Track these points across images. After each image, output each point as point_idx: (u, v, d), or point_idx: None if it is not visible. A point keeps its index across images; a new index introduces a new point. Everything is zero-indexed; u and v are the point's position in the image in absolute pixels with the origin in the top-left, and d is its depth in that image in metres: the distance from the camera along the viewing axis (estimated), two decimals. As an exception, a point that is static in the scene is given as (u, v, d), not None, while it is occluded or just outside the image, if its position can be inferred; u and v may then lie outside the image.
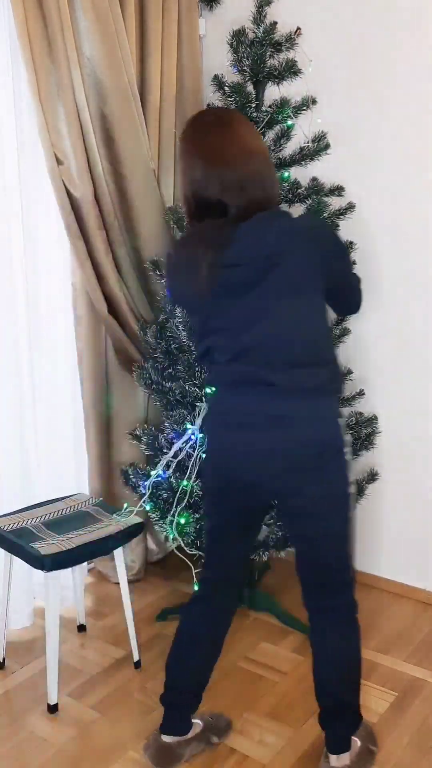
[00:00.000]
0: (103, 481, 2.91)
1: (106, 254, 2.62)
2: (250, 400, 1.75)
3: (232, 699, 2.32)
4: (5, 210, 2.48)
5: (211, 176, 1.70)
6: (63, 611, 2.62)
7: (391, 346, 2.73)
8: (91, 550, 2.29)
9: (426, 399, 2.71)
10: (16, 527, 2.36)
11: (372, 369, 2.79)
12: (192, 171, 1.73)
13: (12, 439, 2.60)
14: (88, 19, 2.39)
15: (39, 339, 2.71)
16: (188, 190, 1.76)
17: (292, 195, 2.47)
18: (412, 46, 2.53)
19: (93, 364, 2.79)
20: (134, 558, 2.97)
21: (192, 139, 1.76)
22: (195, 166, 1.72)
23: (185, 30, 2.81)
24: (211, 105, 2.61)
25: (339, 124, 2.68)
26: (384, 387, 2.79)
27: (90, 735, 2.18)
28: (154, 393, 2.63)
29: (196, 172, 1.72)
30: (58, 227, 2.60)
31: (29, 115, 2.48)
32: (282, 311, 1.71)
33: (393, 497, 2.82)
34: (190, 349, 2.44)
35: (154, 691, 2.36)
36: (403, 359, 2.71)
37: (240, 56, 2.45)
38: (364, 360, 2.77)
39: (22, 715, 2.26)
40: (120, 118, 2.53)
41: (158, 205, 2.75)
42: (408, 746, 2.12)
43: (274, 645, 2.60)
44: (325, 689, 1.94)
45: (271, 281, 1.68)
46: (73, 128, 2.43)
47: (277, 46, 2.47)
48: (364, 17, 2.61)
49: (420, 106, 2.55)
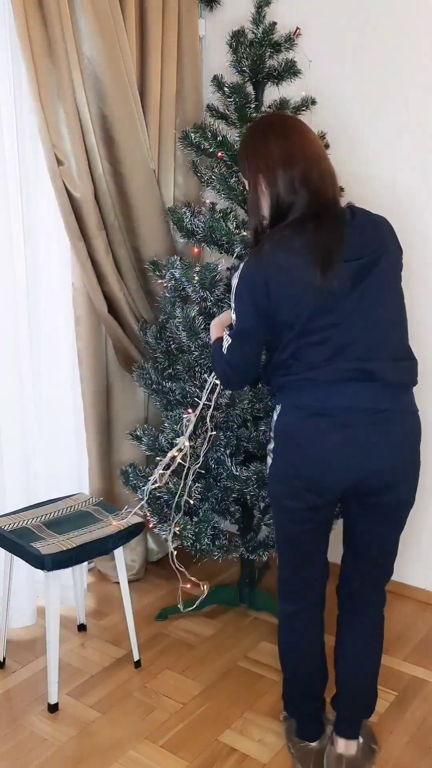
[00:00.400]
0: (103, 481, 2.92)
1: (107, 254, 2.62)
2: (355, 397, 1.71)
3: (232, 698, 2.33)
4: (5, 210, 2.48)
5: (301, 175, 1.70)
6: (63, 611, 2.62)
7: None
8: (91, 549, 2.29)
9: (426, 399, 2.70)
10: (16, 527, 2.36)
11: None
12: (280, 172, 1.71)
13: (12, 438, 2.60)
14: (88, 19, 2.39)
15: (39, 339, 2.71)
16: (274, 190, 1.73)
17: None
18: (412, 46, 2.53)
19: (93, 364, 2.79)
20: (134, 558, 2.97)
21: (273, 141, 1.74)
22: (283, 166, 1.71)
23: (185, 30, 2.81)
24: (211, 105, 2.61)
25: (338, 124, 2.68)
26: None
27: (90, 734, 2.18)
28: (154, 393, 2.63)
29: (286, 173, 1.71)
30: (58, 227, 2.60)
31: (29, 116, 2.48)
32: (384, 306, 1.73)
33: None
34: (190, 349, 2.44)
35: (154, 691, 2.37)
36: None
37: (239, 57, 2.45)
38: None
39: (22, 715, 2.26)
40: (120, 118, 2.54)
41: (158, 205, 2.75)
42: (408, 746, 2.13)
43: (274, 645, 2.59)
44: (350, 675, 1.99)
45: (375, 275, 1.70)
46: (73, 128, 2.43)
47: (277, 47, 2.47)
48: (363, 18, 2.61)
49: (420, 106, 2.55)
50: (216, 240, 2.41)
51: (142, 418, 2.95)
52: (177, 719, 2.24)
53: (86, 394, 2.81)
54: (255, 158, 1.76)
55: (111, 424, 2.92)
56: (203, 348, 2.41)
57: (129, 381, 2.84)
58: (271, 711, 2.27)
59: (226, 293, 2.41)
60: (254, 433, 2.43)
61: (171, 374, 2.57)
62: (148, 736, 2.17)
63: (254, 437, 2.42)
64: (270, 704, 2.30)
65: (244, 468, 2.40)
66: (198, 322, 2.39)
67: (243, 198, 2.44)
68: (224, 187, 2.42)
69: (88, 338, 2.76)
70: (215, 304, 2.41)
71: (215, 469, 2.46)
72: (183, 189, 2.91)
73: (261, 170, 1.74)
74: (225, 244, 2.40)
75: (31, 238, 2.62)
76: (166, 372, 2.58)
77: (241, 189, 2.42)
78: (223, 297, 2.40)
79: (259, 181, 1.75)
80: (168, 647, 2.59)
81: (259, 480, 2.36)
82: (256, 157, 1.76)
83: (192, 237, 2.51)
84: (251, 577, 2.81)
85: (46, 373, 2.75)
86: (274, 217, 1.76)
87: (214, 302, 2.40)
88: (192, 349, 2.44)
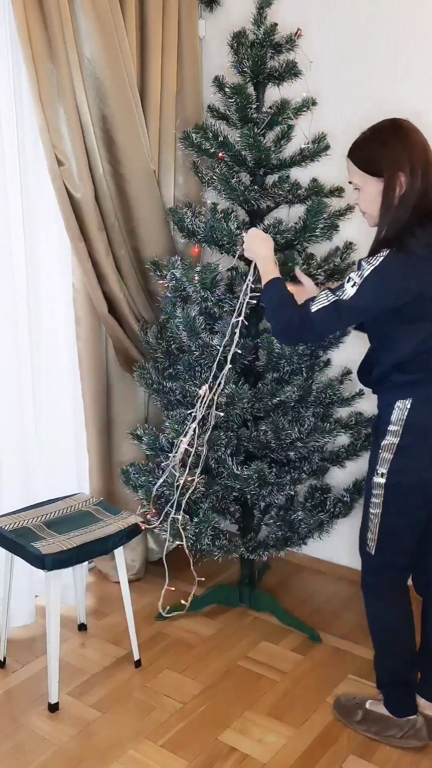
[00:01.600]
0: (103, 480, 2.92)
1: (107, 255, 2.63)
2: None
3: (232, 698, 2.33)
4: (6, 210, 2.49)
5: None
6: (63, 610, 2.62)
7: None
8: (91, 549, 2.29)
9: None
10: (16, 527, 2.36)
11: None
12: (425, 172, 1.83)
13: (13, 438, 2.60)
14: (88, 19, 2.39)
15: (39, 339, 2.71)
16: (419, 190, 1.83)
17: (292, 196, 2.48)
18: (411, 46, 2.53)
19: (93, 364, 2.79)
20: (134, 558, 2.97)
21: (419, 143, 1.86)
22: (427, 166, 1.84)
23: (185, 31, 2.82)
24: (212, 106, 2.61)
25: (338, 124, 2.68)
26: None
27: (90, 734, 2.19)
28: (154, 393, 2.63)
29: (429, 173, 1.84)
30: (59, 228, 2.60)
31: (30, 116, 2.48)
32: None
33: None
34: (191, 349, 2.44)
35: (154, 691, 2.37)
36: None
37: (240, 57, 2.45)
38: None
39: (23, 714, 2.26)
40: (120, 118, 2.54)
41: (158, 205, 2.76)
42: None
43: (274, 644, 2.60)
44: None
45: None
46: (73, 129, 2.43)
47: (278, 48, 2.48)
48: (364, 19, 2.61)
49: (419, 107, 2.55)
50: (217, 240, 2.41)
51: (142, 418, 2.95)
52: (177, 719, 2.24)
53: (86, 394, 2.82)
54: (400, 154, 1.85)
55: (111, 424, 2.92)
56: (203, 348, 2.41)
57: (129, 381, 2.84)
58: (272, 711, 2.27)
59: (226, 293, 2.41)
60: (254, 432, 2.43)
61: (171, 374, 2.58)
62: (148, 735, 2.17)
63: (255, 437, 2.43)
64: (270, 704, 2.30)
65: (244, 467, 2.40)
66: (198, 322, 2.40)
67: (244, 198, 2.44)
68: (225, 188, 2.43)
69: (88, 338, 2.76)
70: (216, 304, 2.41)
71: (216, 468, 2.46)
72: (183, 189, 2.91)
73: (403, 168, 1.83)
74: (226, 245, 2.40)
75: (31, 238, 2.62)
76: (166, 372, 2.59)
77: (242, 189, 2.43)
78: (224, 297, 2.41)
79: (398, 177, 1.84)
80: (168, 647, 2.60)
81: (259, 479, 2.37)
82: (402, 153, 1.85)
83: (193, 237, 2.52)
84: (251, 577, 2.81)
85: (47, 373, 2.75)
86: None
87: (215, 302, 2.41)
88: (192, 349, 2.44)
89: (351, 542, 2.97)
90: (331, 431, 2.44)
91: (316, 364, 2.51)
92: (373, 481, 2.01)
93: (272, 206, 2.53)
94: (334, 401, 2.52)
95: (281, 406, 2.44)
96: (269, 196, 2.47)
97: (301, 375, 2.46)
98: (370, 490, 2.03)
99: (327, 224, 2.41)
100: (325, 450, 2.62)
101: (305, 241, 2.41)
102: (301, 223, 2.40)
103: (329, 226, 2.43)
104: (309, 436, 2.40)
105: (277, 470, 2.48)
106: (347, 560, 3.02)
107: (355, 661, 2.51)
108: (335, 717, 2.22)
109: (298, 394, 2.42)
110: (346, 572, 3.02)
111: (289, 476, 2.54)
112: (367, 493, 2.05)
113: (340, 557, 3.03)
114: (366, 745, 2.12)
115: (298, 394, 2.42)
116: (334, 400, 2.51)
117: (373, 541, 2.04)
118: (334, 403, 2.53)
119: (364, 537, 2.07)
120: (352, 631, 2.67)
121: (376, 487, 2.00)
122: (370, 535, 2.05)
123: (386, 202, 1.86)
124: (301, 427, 2.40)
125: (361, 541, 2.10)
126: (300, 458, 2.56)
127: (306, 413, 2.46)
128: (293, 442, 2.39)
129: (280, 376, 2.47)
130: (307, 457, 2.57)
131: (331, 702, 2.29)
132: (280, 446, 2.41)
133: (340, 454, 2.64)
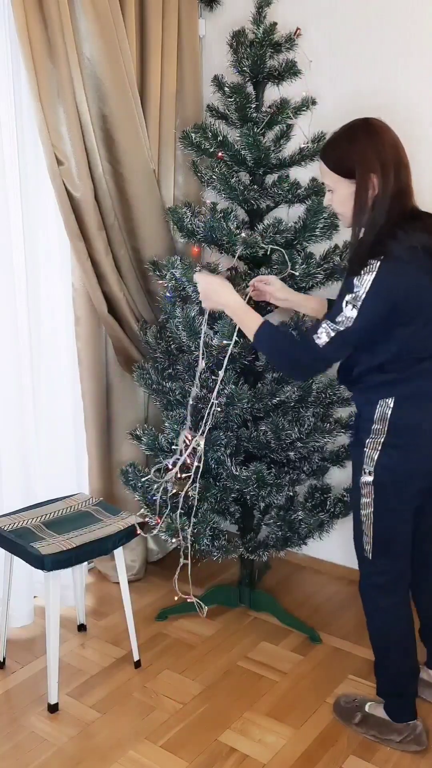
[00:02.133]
0: (103, 481, 2.92)
1: (106, 254, 2.62)
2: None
3: (232, 699, 2.33)
4: (5, 210, 2.49)
5: (408, 175, 1.87)
6: (63, 611, 2.62)
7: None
8: (91, 549, 2.29)
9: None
10: (16, 527, 2.36)
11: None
12: (398, 172, 1.82)
13: (12, 438, 2.60)
14: (88, 19, 2.39)
15: (39, 339, 2.71)
16: (393, 191, 1.82)
17: (292, 195, 2.47)
18: (411, 46, 2.53)
19: (93, 364, 2.79)
20: (134, 558, 2.97)
21: (391, 142, 1.85)
22: (400, 167, 1.84)
23: (185, 30, 2.81)
24: (211, 105, 2.61)
25: (338, 124, 2.67)
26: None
27: (90, 734, 2.18)
28: (154, 393, 2.63)
29: (403, 173, 1.84)
30: (58, 227, 2.60)
31: (29, 116, 2.48)
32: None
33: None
34: (190, 349, 2.44)
35: (154, 691, 2.37)
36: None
37: (240, 57, 2.45)
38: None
39: (22, 715, 2.26)
40: (120, 118, 2.54)
41: (158, 205, 2.75)
42: (408, 746, 2.13)
43: (274, 645, 2.60)
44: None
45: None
46: (73, 129, 2.43)
47: (277, 47, 2.47)
48: (364, 18, 2.61)
49: (419, 107, 2.55)
50: (216, 240, 2.41)
51: (142, 418, 2.95)
52: (177, 719, 2.24)
53: (86, 394, 2.82)
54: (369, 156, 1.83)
55: (111, 424, 2.92)
56: (203, 348, 2.41)
57: (129, 381, 2.84)
58: (272, 711, 2.27)
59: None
60: (254, 433, 2.43)
61: (171, 374, 2.57)
62: (148, 736, 2.17)
63: (254, 437, 2.42)
64: (270, 704, 2.30)
65: (244, 468, 2.40)
66: (198, 322, 2.39)
67: (243, 198, 2.44)
68: (225, 187, 2.42)
69: (88, 338, 2.76)
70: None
71: (215, 468, 2.46)
72: (183, 189, 2.91)
73: (374, 169, 1.81)
74: (225, 245, 2.40)
75: (31, 238, 2.62)
76: (166, 372, 2.58)
77: (241, 189, 2.43)
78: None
79: (371, 179, 1.81)
80: (168, 647, 2.59)
81: (258, 480, 2.36)
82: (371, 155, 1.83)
83: (192, 237, 2.51)
84: (251, 578, 2.80)
85: (46, 373, 2.75)
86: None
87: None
88: (192, 349, 2.44)
89: (351, 542, 2.97)
90: (331, 431, 2.44)
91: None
92: (361, 481, 1.98)
93: (272, 206, 2.53)
94: (334, 401, 2.52)
95: (281, 406, 2.44)
96: (269, 196, 2.46)
97: (300, 375, 2.45)
98: (358, 492, 2.00)
99: (327, 224, 2.41)
100: (325, 450, 2.62)
101: (305, 240, 2.40)
102: (300, 222, 2.40)
103: (329, 226, 2.43)
104: (309, 436, 2.39)
105: (277, 471, 2.48)
106: (347, 560, 3.02)
107: (355, 661, 2.50)
108: (334, 718, 2.22)
109: (298, 394, 2.42)
110: (346, 572, 3.01)
111: (288, 477, 2.54)
112: (356, 496, 2.02)
113: (340, 557, 3.03)
114: (366, 746, 2.12)
115: (298, 394, 2.42)
116: (334, 400, 2.51)
117: (369, 544, 2.02)
118: (334, 403, 2.53)
119: (360, 542, 2.05)
120: (352, 631, 2.66)
121: (365, 486, 1.97)
122: (365, 539, 2.02)
123: (359, 204, 1.83)
124: (301, 427, 2.39)
125: (358, 548, 2.07)
126: (300, 458, 2.56)
127: (306, 413, 2.46)
128: (293, 442, 2.39)
129: (279, 376, 2.47)
130: (307, 457, 2.57)
131: (331, 702, 2.29)
132: (280, 446, 2.40)
133: (340, 454, 2.64)
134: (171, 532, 2.31)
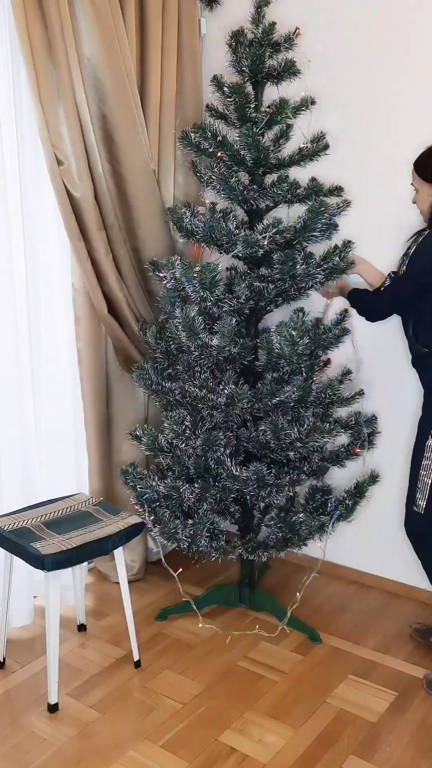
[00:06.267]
0: (103, 481, 2.92)
1: (106, 254, 2.62)
2: None
3: (232, 699, 2.33)
4: (5, 210, 2.49)
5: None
6: (63, 611, 2.62)
7: (391, 345, 2.73)
8: (91, 549, 2.29)
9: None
10: (16, 527, 2.36)
11: (372, 368, 2.79)
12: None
13: (12, 439, 2.60)
14: (88, 19, 2.39)
15: (39, 339, 2.71)
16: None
17: (292, 195, 2.47)
18: (411, 46, 2.53)
19: (93, 364, 2.79)
20: (134, 558, 2.97)
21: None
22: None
23: (185, 30, 2.82)
24: (211, 105, 2.61)
25: (338, 124, 2.68)
26: (384, 387, 2.79)
27: (90, 734, 2.18)
28: (153, 393, 2.63)
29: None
30: (58, 227, 2.60)
31: (29, 116, 2.48)
32: None
33: (393, 497, 2.82)
34: (190, 349, 2.44)
35: (154, 691, 2.37)
36: (403, 358, 2.71)
37: (239, 57, 2.45)
38: (364, 359, 2.78)
39: (22, 715, 2.26)
40: (120, 118, 2.54)
41: (158, 205, 2.75)
42: (408, 746, 2.12)
43: (274, 645, 2.60)
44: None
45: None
46: (73, 129, 2.43)
47: (276, 47, 2.47)
48: (363, 18, 2.61)
49: (419, 106, 2.55)
50: (216, 240, 2.41)
51: (142, 418, 2.95)
52: (177, 719, 2.24)
53: (86, 394, 2.82)
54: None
55: (111, 424, 2.92)
56: (203, 348, 2.41)
57: (129, 381, 2.84)
58: (272, 711, 2.27)
59: (226, 293, 2.40)
60: (254, 433, 2.43)
61: (171, 374, 2.57)
62: (148, 736, 2.17)
63: (254, 437, 2.42)
64: (270, 705, 2.30)
65: (243, 468, 2.40)
66: (198, 322, 2.39)
67: (243, 198, 2.44)
68: (224, 187, 2.42)
69: (87, 338, 2.76)
70: (215, 304, 2.41)
71: (215, 469, 2.46)
72: (183, 189, 2.91)
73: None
74: (225, 244, 2.40)
75: (31, 238, 2.62)
76: (165, 372, 2.58)
77: (241, 189, 2.42)
78: (223, 297, 2.40)
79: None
80: (168, 647, 2.59)
81: (258, 481, 2.36)
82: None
83: (192, 237, 2.51)
84: (251, 578, 2.80)
85: (46, 373, 2.75)
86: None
87: (214, 302, 2.40)
88: (192, 349, 2.43)
89: (351, 542, 2.97)
90: (330, 431, 2.43)
91: (315, 364, 2.51)
92: (427, 444, 2.30)
93: (271, 206, 2.53)
94: (334, 401, 2.52)
95: (281, 406, 2.44)
96: (268, 196, 2.46)
97: (300, 375, 2.45)
98: (421, 453, 2.31)
99: (327, 224, 2.41)
100: (325, 450, 2.62)
101: (305, 240, 2.40)
102: (300, 222, 2.40)
103: (329, 226, 2.43)
104: (309, 436, 2.39)
105: (277, 471, 2.48)
106: (347, 560, 3.02)
107: (355, 661, 2.50)
108: (427, 692, 2.34)
109: (298, 394, 2.42)
110: (346, 572, 3.02)
111: (288, 477, 2.53)
112: (418, 455, 2.33)
113: (340, 557, 3.03)
114: (366, 746, 2.12)
115: (298, 394, 2.42)
116: (333, 400, 2.51)
117: (423, 500, 2.30)
118: (334, 403, 2.53)
119: (413, 495, 2.34)
120: (352, 631, 2.66)
121: (429, 449, 2.28)
122: (419, 495, 2.31)
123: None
124: (300, 427, 2.39)
125: (410, 498, 2.36)
126: (300, 458, 2.56)
127: (306, 413, 2.46)
128: (293, 442, 2.39)
129: (279, 376, 2.47)
130: (307, 457, 2.57)
131: (331, 702, 2.29)
132: (280, 446, 2.40)
133: (340, 454, 2.64)
134: (167, 535, 2.31)
